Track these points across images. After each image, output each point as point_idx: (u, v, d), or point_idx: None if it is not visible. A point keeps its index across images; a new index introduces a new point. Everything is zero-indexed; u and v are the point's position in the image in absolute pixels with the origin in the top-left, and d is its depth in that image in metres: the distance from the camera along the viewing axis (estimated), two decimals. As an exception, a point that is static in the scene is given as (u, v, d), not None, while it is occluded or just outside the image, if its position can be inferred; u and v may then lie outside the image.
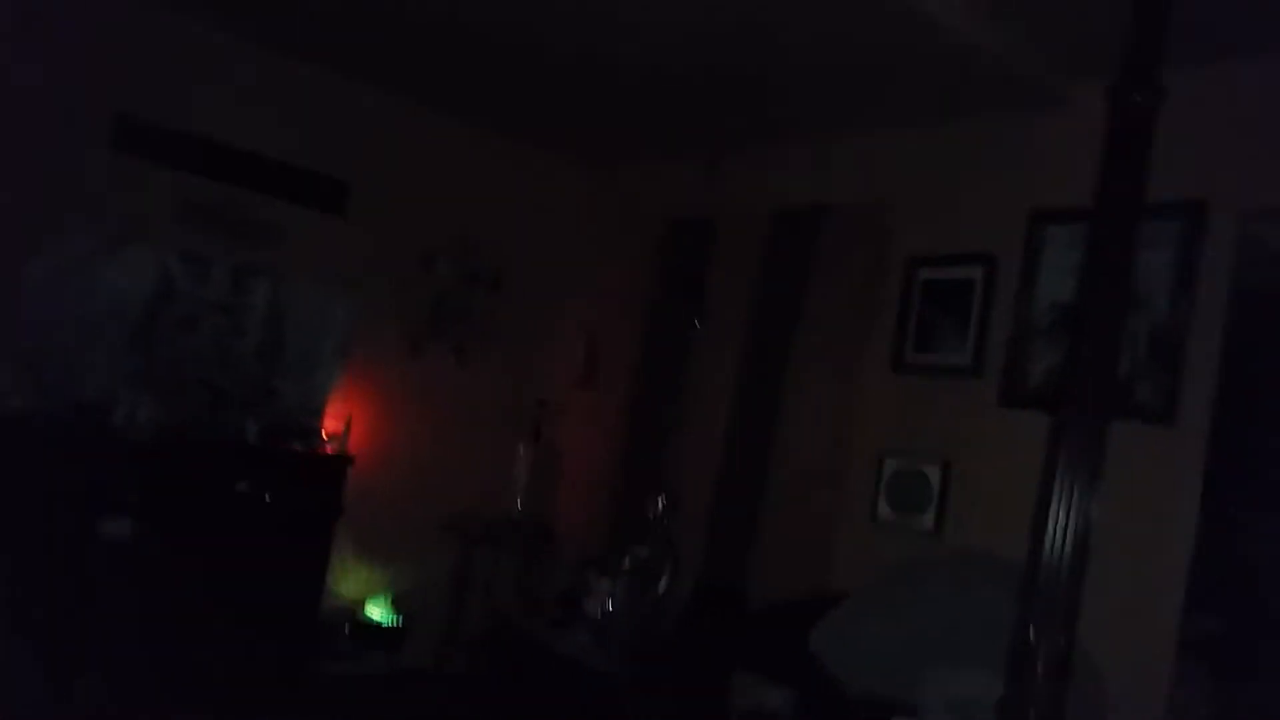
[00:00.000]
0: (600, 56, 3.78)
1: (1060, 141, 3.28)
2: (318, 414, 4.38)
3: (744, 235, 4.40)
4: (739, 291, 4.37)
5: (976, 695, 2.69)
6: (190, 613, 3.70)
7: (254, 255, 4.23)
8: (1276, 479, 3.85)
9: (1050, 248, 3.26)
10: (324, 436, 4.33)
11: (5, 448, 3.53)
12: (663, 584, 4.22)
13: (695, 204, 4.67)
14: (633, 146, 4.98)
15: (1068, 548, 1.96)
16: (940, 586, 3.17)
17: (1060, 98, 3.30)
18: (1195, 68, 2.91)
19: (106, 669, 3.53)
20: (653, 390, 4.72)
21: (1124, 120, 1.81)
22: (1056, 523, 1.99)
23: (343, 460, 4.27)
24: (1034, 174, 3.38)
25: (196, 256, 4.07)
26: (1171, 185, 2.84)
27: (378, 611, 4.69)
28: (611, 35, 3.56)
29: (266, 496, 3.98)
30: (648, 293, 4.88)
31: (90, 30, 3.83)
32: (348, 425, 4.34)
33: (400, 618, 4.69)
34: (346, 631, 4.56)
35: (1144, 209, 2.14)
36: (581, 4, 3.34)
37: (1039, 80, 3.26)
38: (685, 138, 4.62)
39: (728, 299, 4.43)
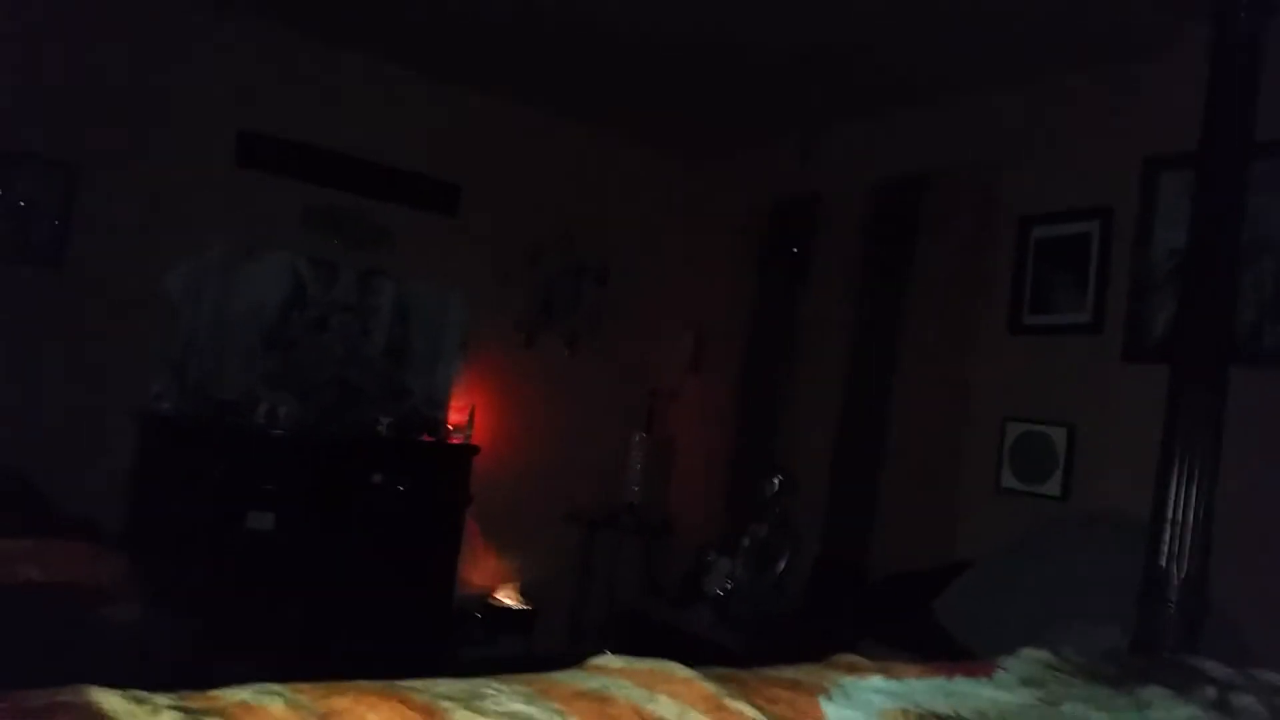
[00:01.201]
0: (693, 39, 3.82)
1: (1170, 84, 3.18)
2: (443, 406, 4.56)
3: (846, 209, 4.40)
4: (845, 266, 4.37)
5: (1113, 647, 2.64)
6: (331, 600, 3.89)
7: (376, 258, 4.45)
8: None
9: (1165, 195, 3.17)
10: (450, 428, 4.50)
11: (159, 448, 3.80)
12: (782, 561, 4.25)
13: (794, 183, 4.69)
14: (729, 131, 5.01)
15: (1194, 495, 1.94)
16: (1068, 548, 3.10)
17: (1168, 38, 3.20)
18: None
19: (255, 654, 3.74)
20: (762, 371, 4.76)
21: (1230, 41, 1.78)
22: (1181, 475, 1.97)
23: (469, 450, 4.43)
24: (1145, 121, 3.29)
25: (324, 261, 4.30)
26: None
27: (508, 597, 4.84)
28: (703, 23, 3.61)
29: (400, 487, 4.15)
30: (753, 277, 4.91)
31: (209, 52, 4.11)
32: (471, 416, 4.50)
33: (530, 603, 4.83)
34: (479, 617, 4.73)
35: (1261, 146, 2.09)
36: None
37: (1144, 22, 3.17)
38: (780, 118, 4.65)
39: (833, 274, 4.44)
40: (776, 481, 4.29)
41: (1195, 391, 1.97)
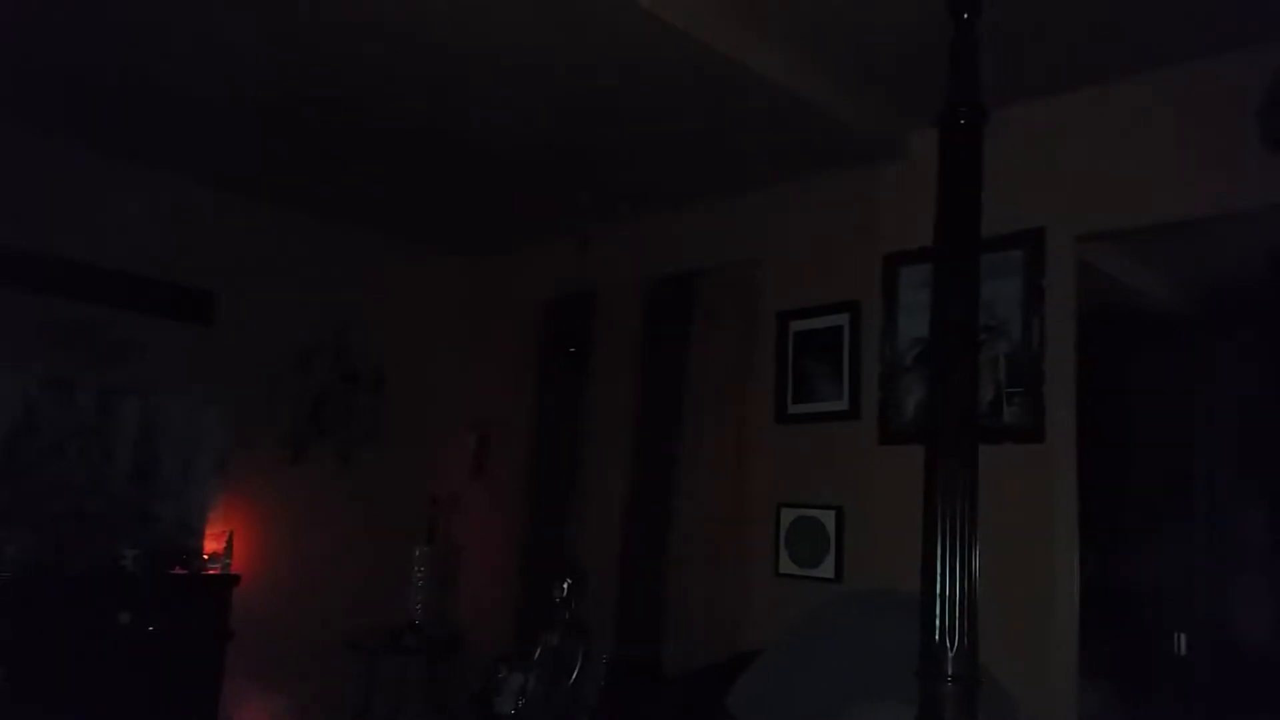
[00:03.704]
0: (459, 143, 3.84)
1: (905, 187, 3.49)
2: (198, 533, 4.20)
3: (624, 304, 4.50)
4: (625, 362, 4.43)
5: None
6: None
7: (121, 374, 4.08)
8: (1142, 482, 4.05)
9: (905, 288, 3.45)
10: (205, 557, 4.14)
11: None
12: (576, 669, 4.14)
13: (572, 281, 4.74)
14: (504, 232, 5.05)
15: (958, 568, 2.04)
16: (845, 628, 3.20)
17: (901, 145, 3.52)
18: (1028, 103, 3.17)
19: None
20: (548, 470, 4.71)
21: (954, 145, 1.95)
22: (945, 549, 2.07)
23: (228, 580, 4.10)
24: (885, 220, 3.58)
25: (59, 380, 3.90)
26: (1012, 217, 3.08)
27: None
28: (466, 120, 3.62)
29: (150, 627, 3.78)
30: (534, 374, 4.89)
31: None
32: (229, 543, 4.17)
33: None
34: (245, 767, 4.31)
35: (986, 240, 2.29)
36: (434, 92, 3.40)
37: (877, 131, 3.46)
38: (554, 218, 4.72)
39: (615, 370, 4.49)
40: (566, 585, 4.20)
41: (949, 468, 2.08)
